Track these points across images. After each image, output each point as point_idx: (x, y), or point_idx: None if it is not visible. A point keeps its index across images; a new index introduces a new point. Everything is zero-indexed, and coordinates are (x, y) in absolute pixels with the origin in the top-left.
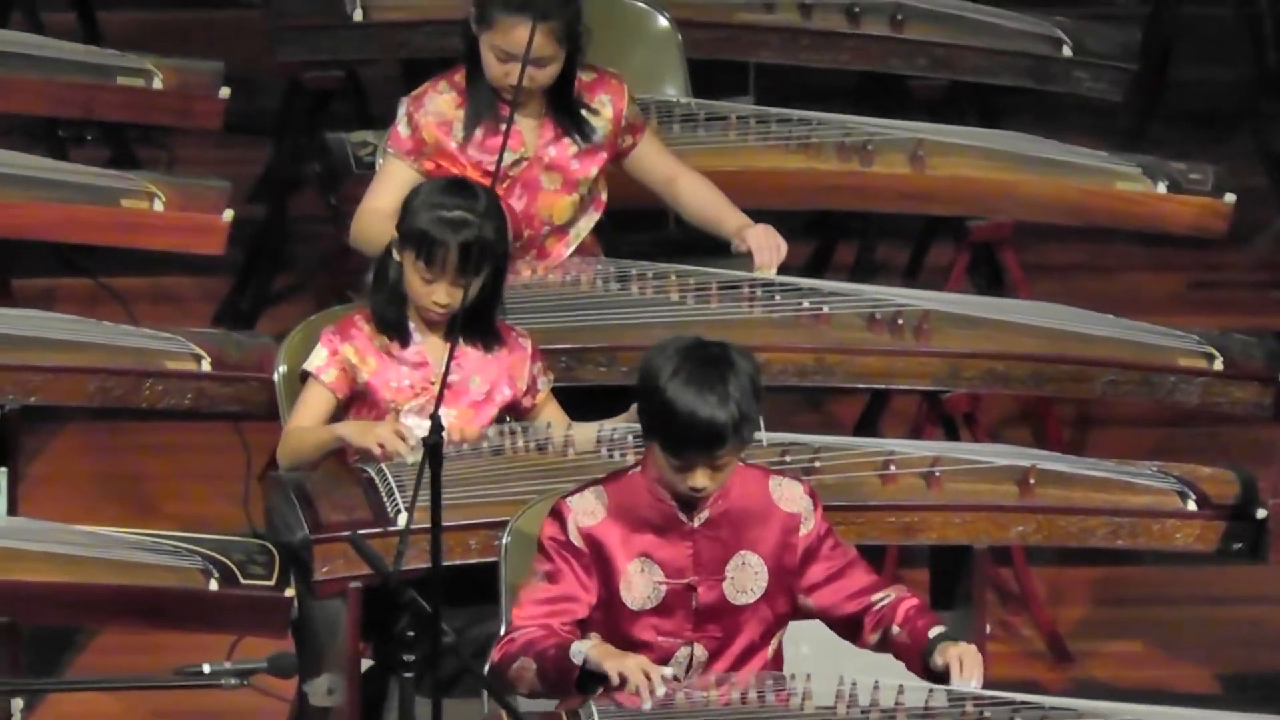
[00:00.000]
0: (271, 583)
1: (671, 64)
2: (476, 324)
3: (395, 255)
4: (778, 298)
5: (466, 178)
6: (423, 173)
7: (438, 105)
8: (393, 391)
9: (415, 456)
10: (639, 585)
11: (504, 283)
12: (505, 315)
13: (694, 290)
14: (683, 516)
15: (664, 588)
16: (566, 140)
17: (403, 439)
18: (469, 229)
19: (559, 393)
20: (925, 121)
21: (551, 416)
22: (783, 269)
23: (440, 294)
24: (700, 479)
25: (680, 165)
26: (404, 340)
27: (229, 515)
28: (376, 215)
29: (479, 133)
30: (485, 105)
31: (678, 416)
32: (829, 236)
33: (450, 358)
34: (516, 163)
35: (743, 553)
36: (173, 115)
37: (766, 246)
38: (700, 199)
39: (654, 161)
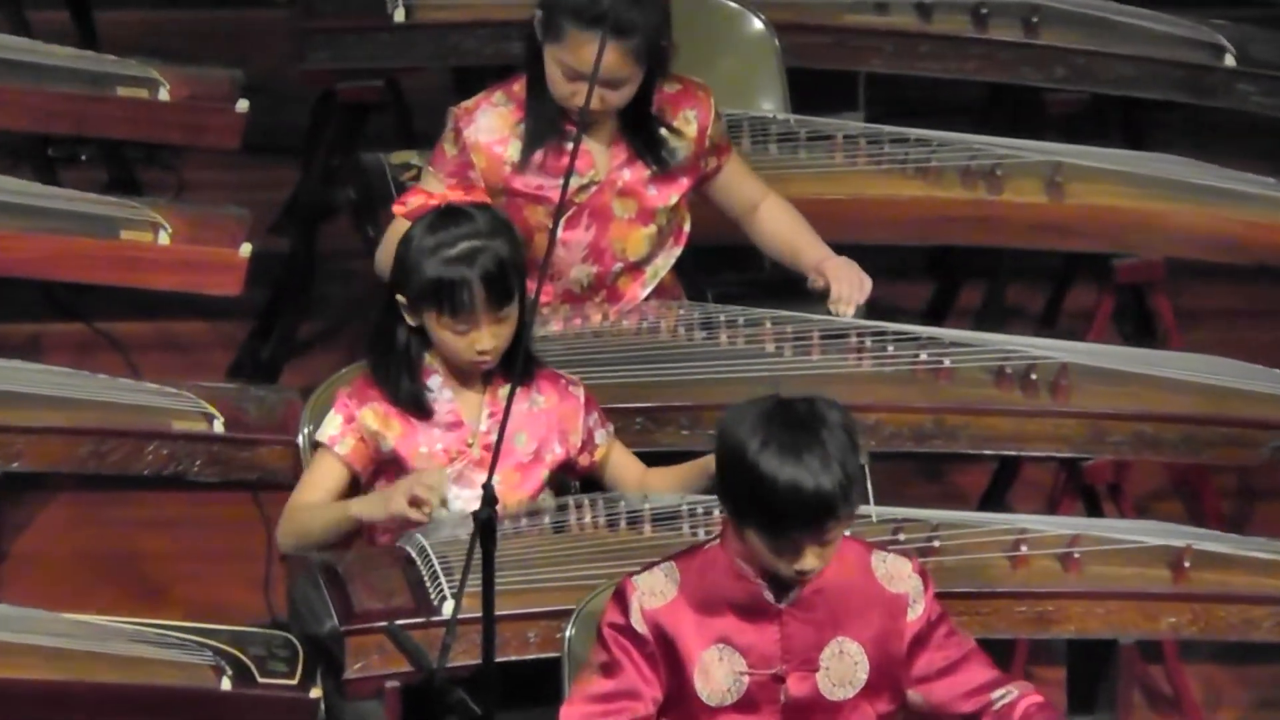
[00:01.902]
0: (294, 681)
1: (768, 74)
2: (511, 358)
3: (407, 318)
4: (891, 349)
5: (453, 203)
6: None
7: (492, 120)
8: (424, 459)
9: (459, 531)
10: (717, 676)
11: (525, 298)
12: (545, 360)
13: (792, 340)
14: (770, 596)
15: (747, 679)
16: (642, 163)
17: (431, 488)
18: (485, 256)
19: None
20: (1063, 142)
21: (621, 472)
22: (897, 315)
23: (483, 340)
24: (810, 560)
25: (766, 190)
26: (424, 413)
27: (246, 602)
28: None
29: (539, 154)
30: (548, 122)
31: (778, 493)
32: (951, 276)
33: (508, 410)
34: (584, 187)
35: (840, 639)
36: (182, 132)
37: (845, 280)
38: (778, 226)
39: (738, 187)
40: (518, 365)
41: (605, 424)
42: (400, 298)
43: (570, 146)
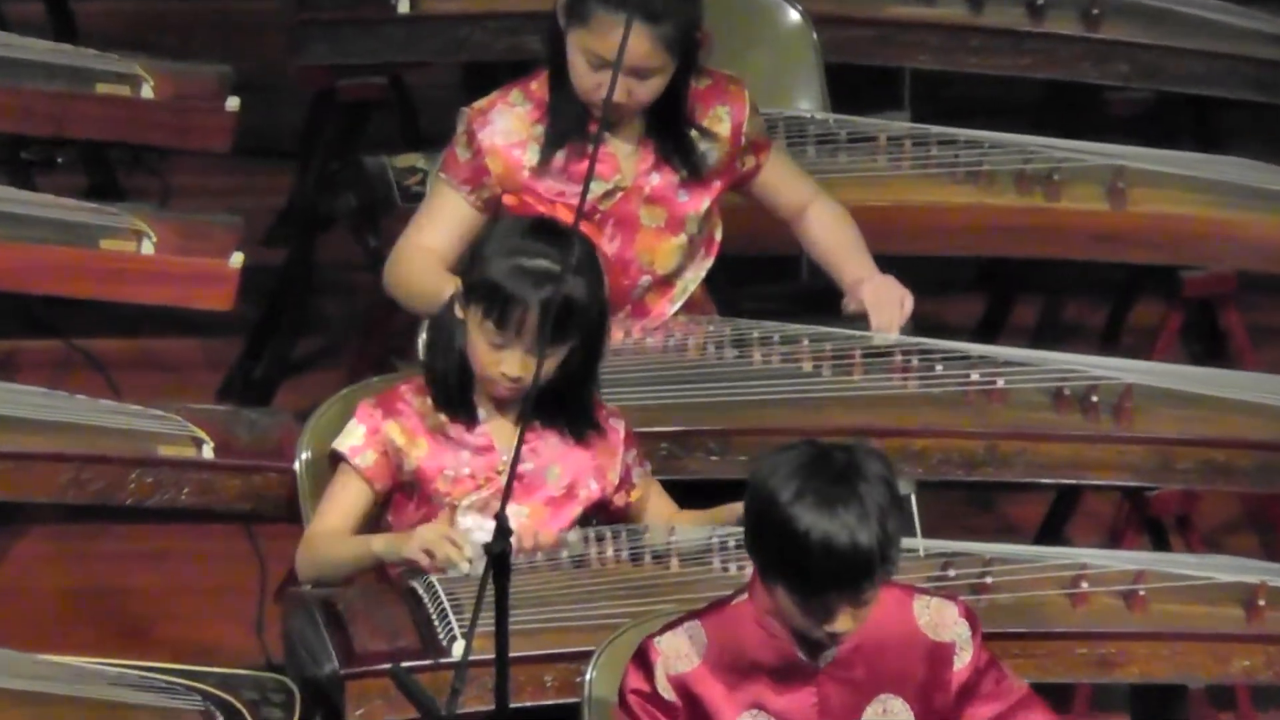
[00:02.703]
0: None
1: (805, 70)
2: (566, 407)
3: (458, 311)
4: (939, 368)
5: (558, 220)
6: (480, 208)
7: (508, 121)
8: (449, 482)
9: (475, 569)
10: None
11: (600, 357)
12: (600, 392)
13: (831, 358)
14: (804, 655)
15: None
16: (671, 166)
17: (455, 545)
18: (554, 284)
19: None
20: (1126, 144)
21: (653, 510)
22: (947, 332)
23: (512, 364)
24: (843, 622)
25: (815, 191)
26: (469, 419)
27: (238, 643)
28: (419, 254)
29: (560, 156)
30: (572, 122)
31: (810, 550)
32: (1004, 290)
33: (520, 440)
34: (609, 194)
35: (883, 697)
36: (167, 133)
37: (884, 303)
38: (824, 234)
39: (783, 187)
40: (532, 399)
41: (644, 462)
42: (460, 283)
43: (592, 148)
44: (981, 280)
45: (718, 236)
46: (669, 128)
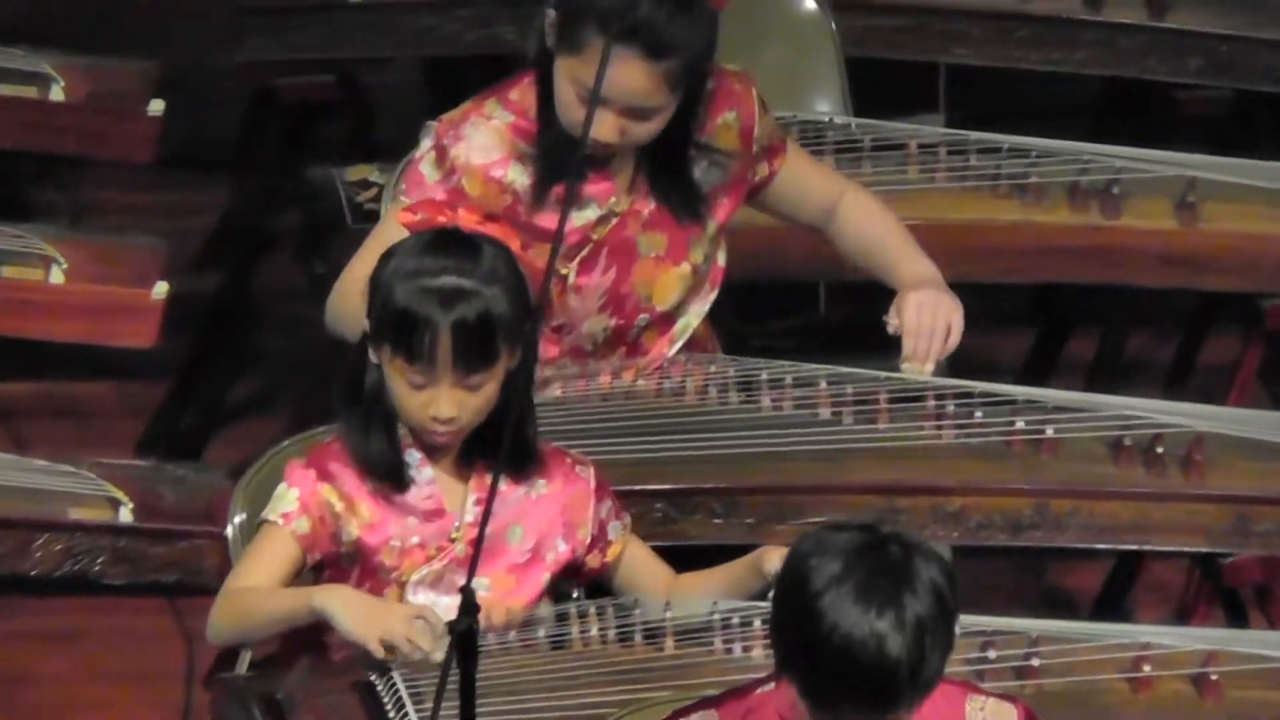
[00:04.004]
0: None
1: (823, 66)
2: (505, 445)
3: (371, 355)
4: (979, 415)
5: (461, 229)
6: None
7: (485, 136)
8: (395, 554)
9: (439, 652)
10: None
11: (534, 377)
12: (565, 436)
13: (853, 404)
14: None
15: None
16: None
17: (426, 632)
18: (467, 304)
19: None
20: (1198, 152)
21: (643, 577)
22: (988, 371)
23: (440, 403)
24: None
25: (842, 183)
26: (400, 482)
27: None
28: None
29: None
30: (563, 154)
31: (830, 651)
32: (1056, 323)
33: (492, 496)
34: (603, 220)
35: None
36: (80, 140)
37: (923, 328)
38: (861, 229)
39: (804, 188)
40: (505, 448)
41: (621, 514)
42: (368, 323)
43: (589, 179)
44: (1029, 311)
45: (722, 261)
46: (666, 169)
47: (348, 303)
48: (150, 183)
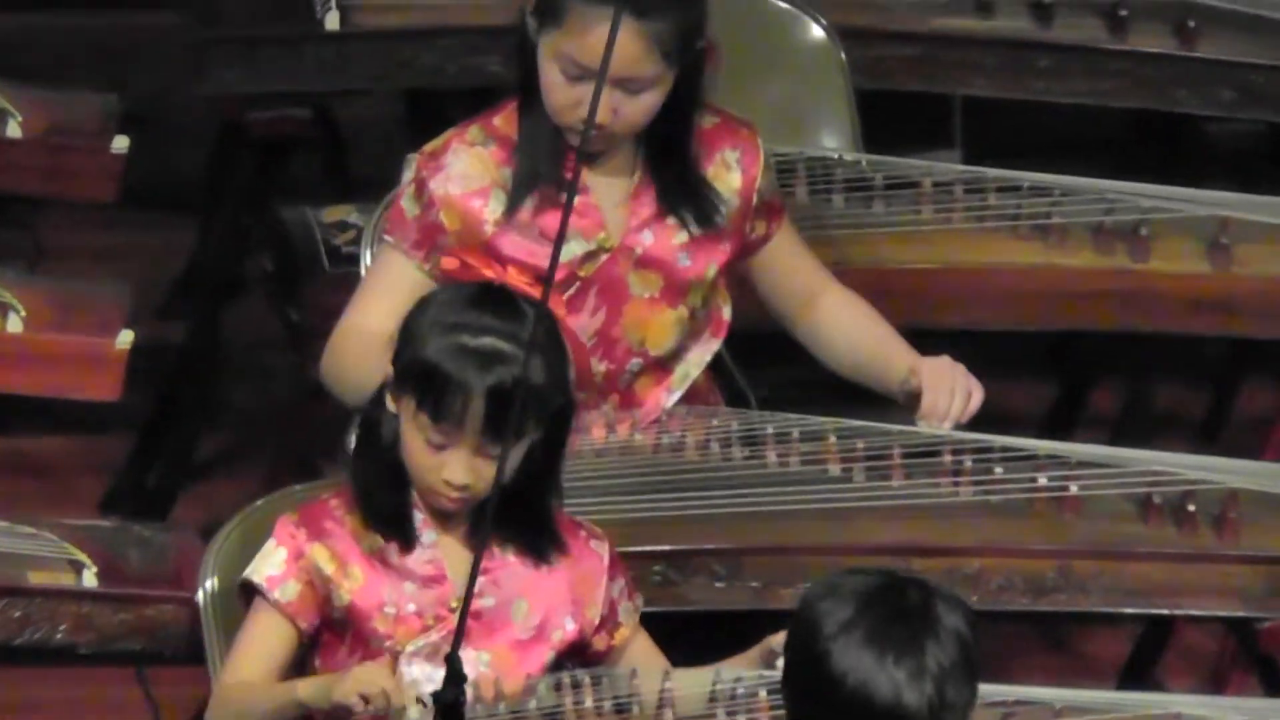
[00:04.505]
0: None
1: (831, 98)
2: (523, 521)
3: (389, 404)
4: (999, 470)
5: (508, 287)
6: (438, 277)
7: (466, 164)
8: (389, 622)
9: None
10: None
11: (563, 456)
12: (562, 502)
13: (865, 460)
14: None
15: None
16: (671, 221)
17: (398, 686)
18: (506, 367)
19: (649, 622)
20: (1231, 190)
21: (641, 661)
22: (1008, 425)
23: (456, 469)
24: None
25: (828, 278)
26: (406, 540)
27: None
28: (361, 340)
29: (530, 204)
30: (546, 158)
31: (843, 700)
32: (1080, 373)
33: (476, 567)
34: (590, 256)
35: None
36: (40, 179)
37: (942, 387)
38: (854, 326)
39: (792, 267)
40: (489, 511)
41: (634, 594)
42: (390, 369)
43: (570, 191)
44: (1051, 361)
45: (726, 315)
46: (672, 165)
47: (339, 358)
48: (114, 224)
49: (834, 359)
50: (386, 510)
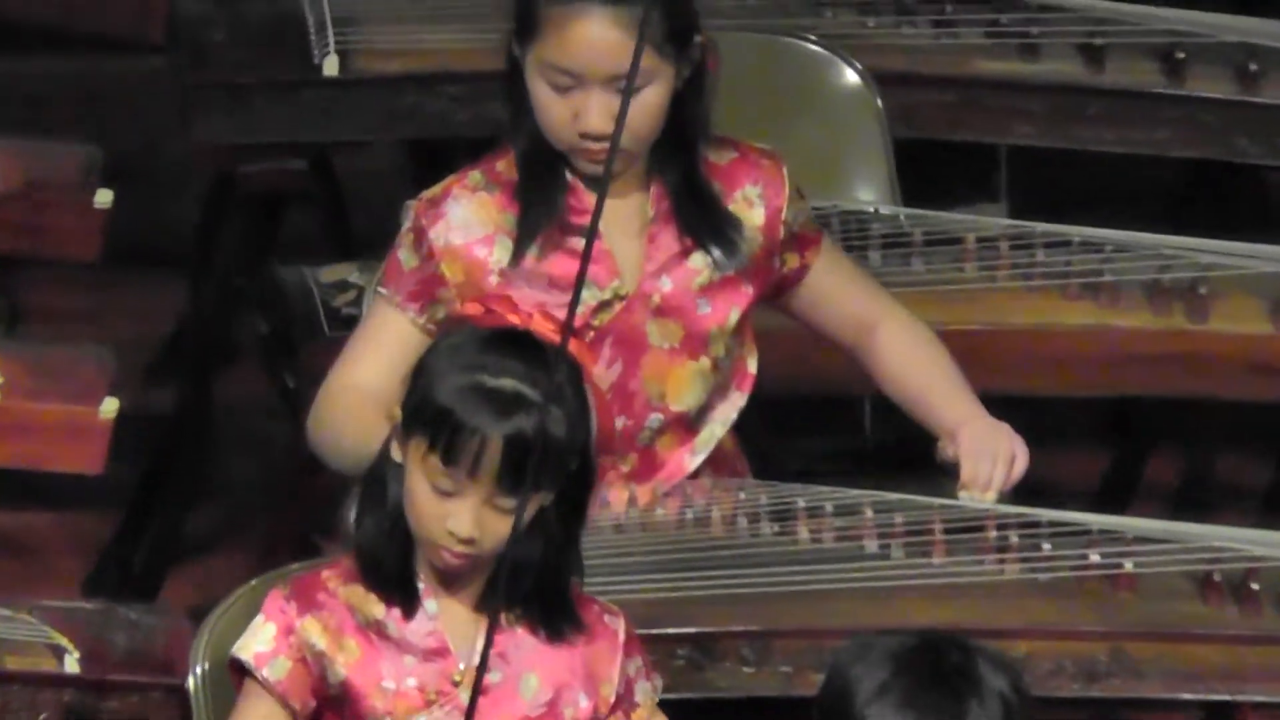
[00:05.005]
0: None
1: (867, 148)
2: (539, 596)
3: (395, 453)
4: (1047, 547)
5: (533, 332)
6: (434, 332)
7: (467, 211)
8: (388, 698)
9: None
10: None
11: (583, 524)
12: (583, 580)
13: (904, 535)
14: None
15: None
16: (690, 262)
17: None
18: (525, 414)
19: (672, 709)
20: None
21: None
22: (1058, 497)
23: (463, 519)
24: None
25: (888, 302)
26: (408, 605)
27: None
28: (352, 396)
29: (535, 249)
30: (549, 198)
31: None
32: (1135, 442)
33: (490, 638)
34: (605, 305)
35: None
36: (17, 236)
37: (983, 455)
38: (906, 361)
39: (840, 295)
40: (502, 576)
41: (651, 675)
42: (398, 410)
43: (583, 239)
44: (1104, 429)
45: (751, 367)
46: (685, 190)
47: (328, 414)
48: (96, 284)
49: (889, 394)
50: (391, 572)
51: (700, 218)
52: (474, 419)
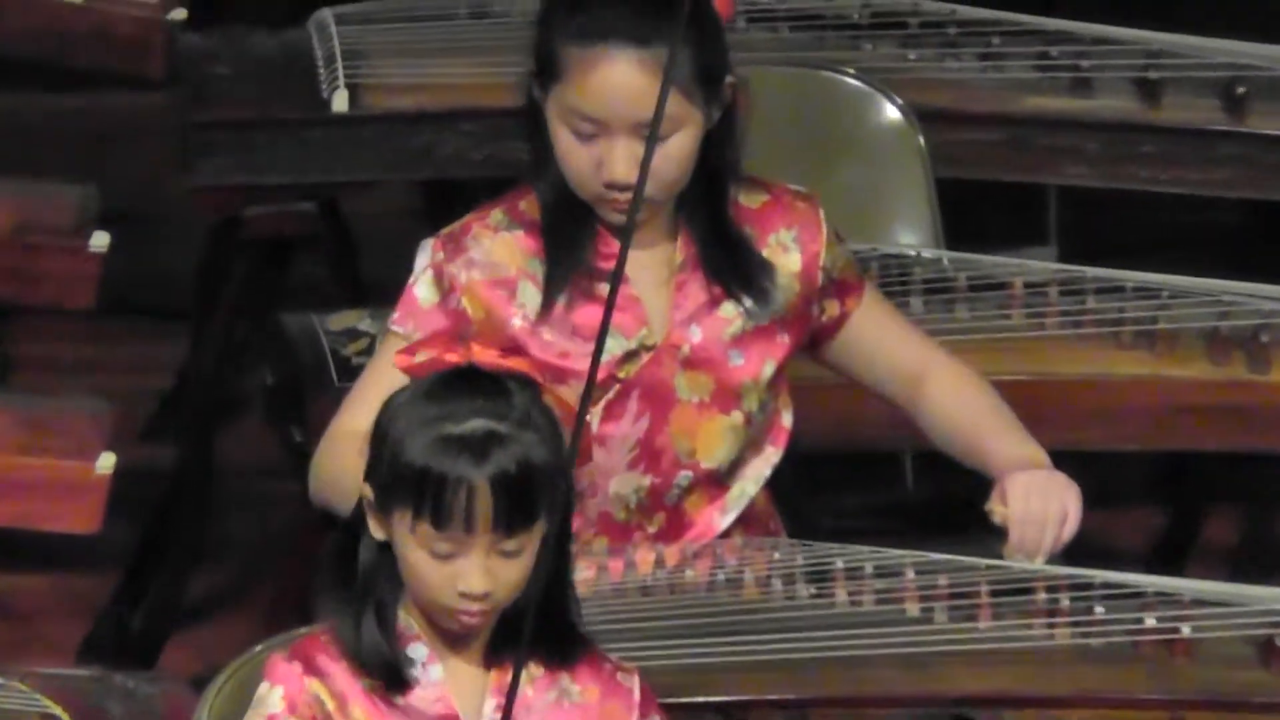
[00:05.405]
0: None
1: (909, 189)
2: (545, 628)
3: (374, 529)
4: (1100, 610)
5: (481, 364)
6: None
7: (490, 250)
8: None
9: None
10: None
11: (571, 545)
12: (595, 636)
13: (948, 598)
14: None
15: None
16: (722, 311)
17: None
18: (505, 452)
19: None
20: None
21: None
22: (1111, 558)
23: (473, 576)
24: None
25: (934, 350)
26: (399, 683)
27: None
28: (358, 445)
29: (563, 300)
30: (576, 245)
31: None
32: (1192, 499)
33: (514, 692)
34: (631, 356)
35: None
36: (8, 283)
37: (1032, 516)
38: (956, 407)
39: (885, 345)
40: (527, 626)
41: None
42: (366, 489)
43: (613, 275)
44: (1160, 486)
45: (786, 421)
46: (718, 235)
47: (336, 464)
48: (92, 333)
49: (940, 445)
50: (374, 654)
51: (729, 266)
52: (454, 473)
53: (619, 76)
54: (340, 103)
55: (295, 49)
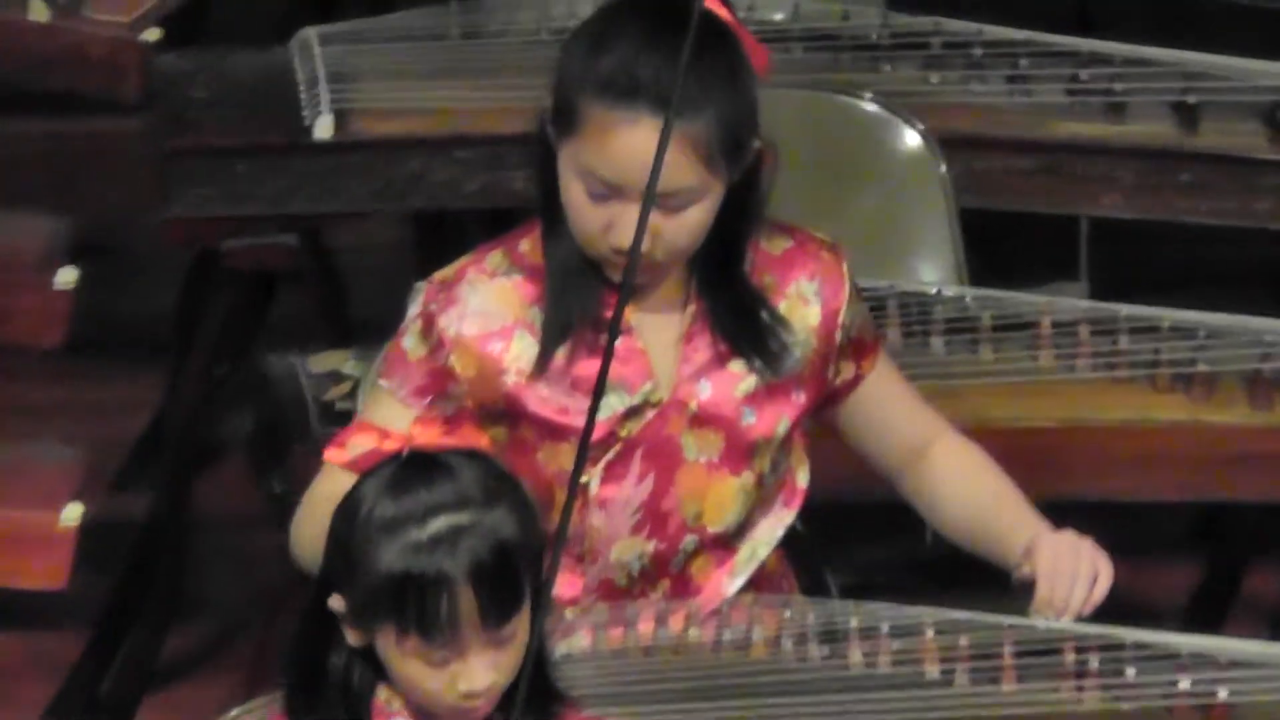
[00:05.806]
0: None
1: (930, 221)
2: (532, 690)
3: (349, 636)
4: (1132, 672)
5: (422, 449)
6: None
7: (485, 298)
8: None
9: None
10: None
11: (551, 596)
12: (594, 699)
13: (969, 660)
14: None
15: None
16: (733, 367)
17: None
18: (475, 540)
19: None
20: None
21: None
22: (1144, 616)
23: (474, 676)
24: None
25: (939, 422)
26: None
27: None
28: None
29: (563, 352)
30: (580, 297)
31: None
32: (1231, 552)
33: None
34: (634, 412)
35: None
36: None
37: (1060, 574)
38: (966, 482)
39: (892, 413)
40: (519, 700)
41: None
42: (336, 602)
43: (609, 332)
44: (1196, 538)
45: (801, 481)
46: (731, 295)
47: (316, 529)
48: (60, 374)
49: (943, 526)
50: None
51: (737, 330)
52: (430, 580)
53: (640, 144)
54: (324, 129)
55: (277, 70)
